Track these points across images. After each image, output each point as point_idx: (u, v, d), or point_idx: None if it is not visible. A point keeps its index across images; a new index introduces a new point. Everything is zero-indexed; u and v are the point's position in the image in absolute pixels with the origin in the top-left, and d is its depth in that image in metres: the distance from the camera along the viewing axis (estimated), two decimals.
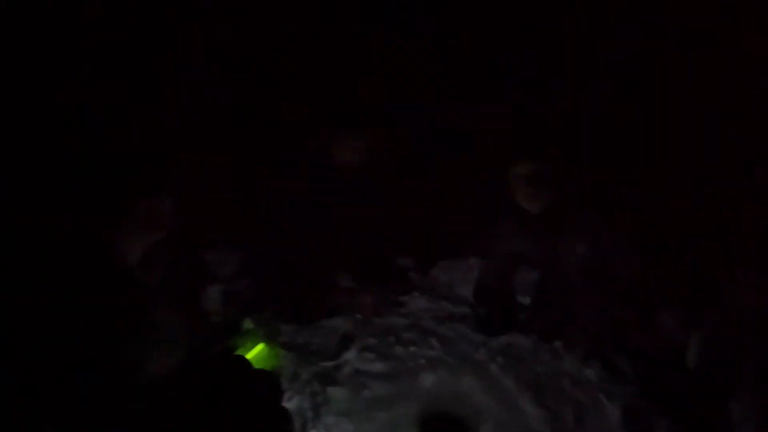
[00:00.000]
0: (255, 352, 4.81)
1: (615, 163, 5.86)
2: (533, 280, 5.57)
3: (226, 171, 5.97)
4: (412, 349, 5.23)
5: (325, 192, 5.37)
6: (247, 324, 5.05)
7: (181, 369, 2.64)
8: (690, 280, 5.06)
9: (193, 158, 5.44)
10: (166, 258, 3.06)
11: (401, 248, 5.90)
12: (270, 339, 4.97)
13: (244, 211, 5.71)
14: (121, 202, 2.48)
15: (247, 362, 3.68)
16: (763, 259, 4.43)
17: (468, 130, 6.41)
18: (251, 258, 5.72)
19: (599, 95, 5.86)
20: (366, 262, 5.56)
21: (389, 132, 5.40)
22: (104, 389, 2.17)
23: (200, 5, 4.65)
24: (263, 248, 5.54)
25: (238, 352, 4.66)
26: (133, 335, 2.33)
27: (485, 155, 6.00)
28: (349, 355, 5.12)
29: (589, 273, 5.12)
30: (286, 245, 5.38)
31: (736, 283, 4.48)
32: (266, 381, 3.79)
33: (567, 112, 5.80)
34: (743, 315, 4.38)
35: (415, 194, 5.99)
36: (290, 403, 4.62)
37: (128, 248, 2.55)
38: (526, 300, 5.51)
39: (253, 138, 6.00)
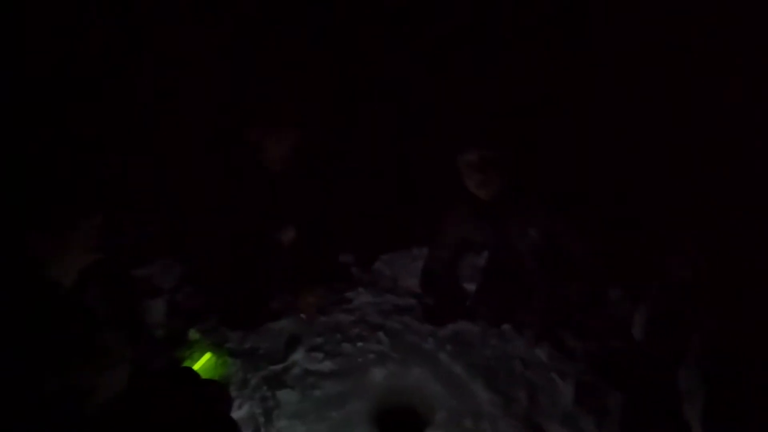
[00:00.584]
0: (202, 363, 4.71)
1: (564, 151, 5.91)
2: (481, 266, 5.55)
3: (161, 180, 5.69)
4: (359, 344, 5.19)
5: (260, 194, 5.21)
6: (193, 334, 4.94)
7: (128, 387, 2.45)
8: (634, 258, 5.21)
9: (128, 171, 5.29)
10: (104, 277, 2.92)
11: (342, 245, 5.79)
12: (216, 347, 4.88)
13: (182, 220, 5.51)
14: (55, 222, 2.33)
15: (194, 374, 3.55)
16: (698, 237, 4.49)
17: (414, 118, 6.37)
18: (193, 268, 5.53)
19: (547, 82, 5.88)
20: (307, 261, 5.41)
21: (313, 129, 5.28)
22: (54, 420, 2.04)
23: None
24: (204, 257, 5.37)
25: (186, 363, 4.53)
26: (78, 360, 2.18)
27: (432, 144, 5.92)
28: (297, 356, 5.02)
29: (538, 256, 5.17)
30: (226, 251, 5.21)
31: (676, 261, 4.54)
32: (214, 391, 3.70)
33: (516, 100, 5.79)
34: (683, 290, 4.48)
35: (352, 188, 5.88)
36: (241, 410, 4.52)
37: (64, 270, 2.39)
38: (472, 287, 5.46)
39: (183, 144, 5.80)
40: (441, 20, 5.80)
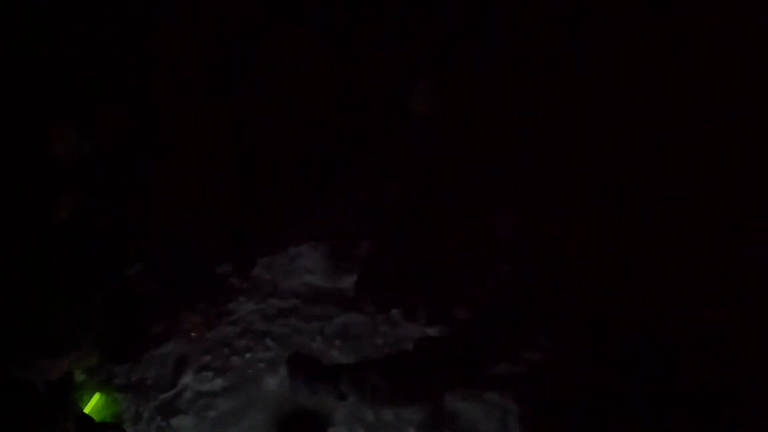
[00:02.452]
0: (92, 405, 4.52)
1: None
2: (363, 256, 5.54)
3: None
4: (248, 355, 5.10)
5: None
6: (79, 376, 4.67)
7: None
8: None
9: None
10: None
11: (217, 255, 5.63)
12: (104, 385, 4.72)
13: None
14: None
15: (89, 419, 3.43)
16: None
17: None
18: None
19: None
20: (182, 276, 5.28)
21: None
22: None
23: None
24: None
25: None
26: None
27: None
28: (186, 379, 4.89)
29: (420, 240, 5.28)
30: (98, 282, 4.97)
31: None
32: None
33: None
34: None
35: (214, 190, 5.74)
36: None
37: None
38: (353, 278, 5.43)
39: None
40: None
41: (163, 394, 4.65)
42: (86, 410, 4.37)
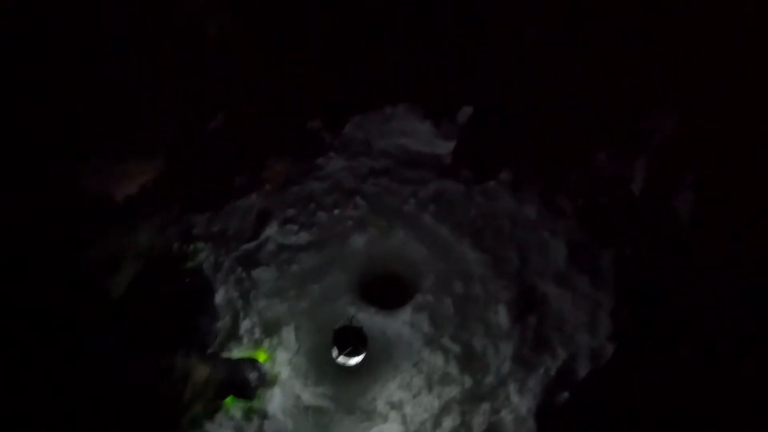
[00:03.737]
0: None
1: None
2: (463, 122, 5.04)
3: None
4: (336, 212, 4.85)
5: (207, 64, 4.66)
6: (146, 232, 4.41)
7: None
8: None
9: None
10: None
11: (308, 110, 5.21)
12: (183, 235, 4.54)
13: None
14: None
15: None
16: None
17: None
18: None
19: None
20: (271, 129, 4.89)
21: None
22: None
23: None
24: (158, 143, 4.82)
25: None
26: None
27: None
28: (270, 231, 4.71)
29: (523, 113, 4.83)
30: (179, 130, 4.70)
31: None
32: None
33: None
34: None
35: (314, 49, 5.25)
36: (217, 296, 4.20)
37: None
38: (451, 145, 4.97)
39: None
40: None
41: (244, 244, 4.48)
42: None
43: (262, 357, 4.29)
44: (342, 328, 4.14)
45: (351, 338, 4.07)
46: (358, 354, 4.06)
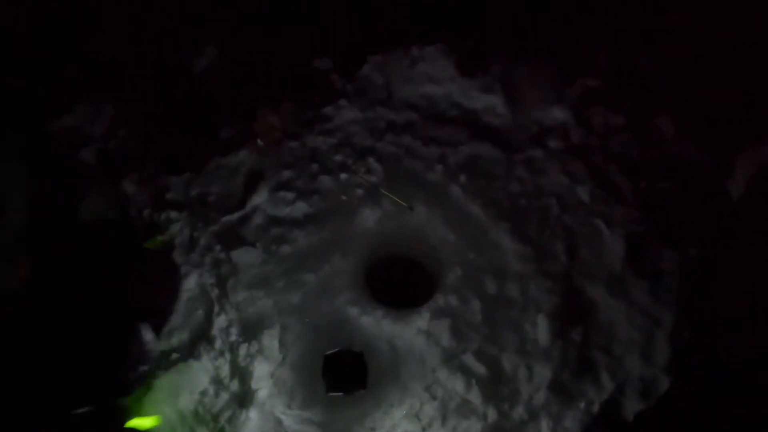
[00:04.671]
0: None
1: None
2: (503, 71, 4.03)
3: None
4: (343, 176, 3.83)
5: None
6: (128, 187, 3.58)
7: None
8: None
9: None
10: None
11: (316, 45, 4.14)
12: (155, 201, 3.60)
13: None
14: None
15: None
16: None
17: None
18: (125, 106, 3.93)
19: None
20: (269, 68, 3.89)
21: None
22: None
23: None
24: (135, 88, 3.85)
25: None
26: None
27: None
28: (259, 199, 3.72)
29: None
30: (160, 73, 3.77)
31: None
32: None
33: None
34: None
35: None
36: (188, 281, 3.40)
37: None
38: (490, 98, 3.97)
39: None
40: None
41: (227, 215, 3.57)
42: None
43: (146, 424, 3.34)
44: (336, 353, 3.28)
45: (347, 368, 3.22)
46: (354, 390, 3.21)
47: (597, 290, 3.64)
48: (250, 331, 3.45)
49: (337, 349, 3.18)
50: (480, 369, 3.47)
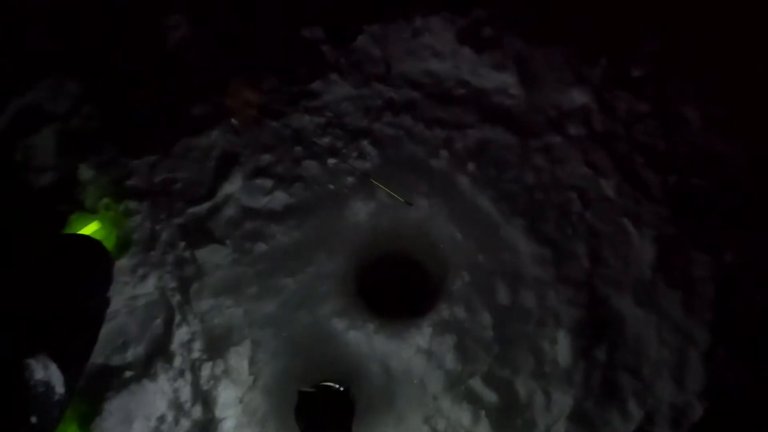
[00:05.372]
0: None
1: None
2: (518, 49, 3.60)
3: None
4: (331, 162, 3.34)
5: None
6: (85, 173, 3.09)
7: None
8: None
9: None
10: None
11: (305, 11, 3.64)
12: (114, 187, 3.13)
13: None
14: None
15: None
16: None
17: None
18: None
19: None
20: (250, 36, 3.45)
21: None
22: None
23: None
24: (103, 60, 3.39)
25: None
26: None
27: None
28: (232, 186, 3.22)
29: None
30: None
31: None
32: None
33: None
34: None
35: None
36: (145, 285, 2.91)
37: None
38: (504, 77, 3.54)
39: None
40: None
41: (194, 206, 3.08)
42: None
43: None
44: (314, 390, 2.74)
45: (328, 408, 2.67)
46: None
47: (624, 300, 3.20)
48: (216, 347, 2.93)
49: (313, 388, 2.61)
50: (490, 396, 2.99)
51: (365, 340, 3.05)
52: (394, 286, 3.25)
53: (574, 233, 3.25)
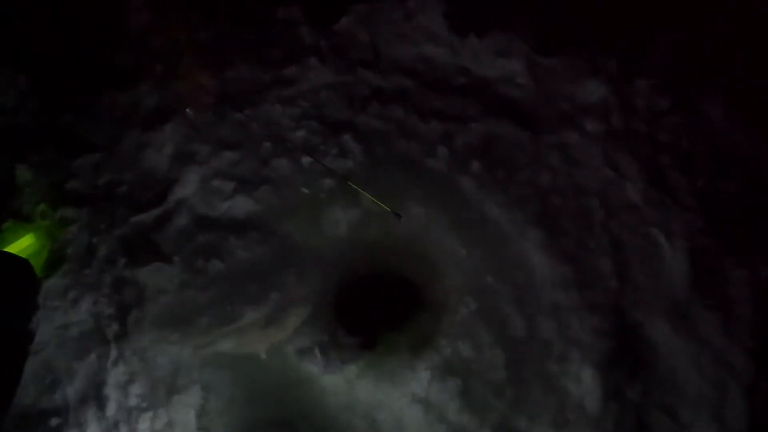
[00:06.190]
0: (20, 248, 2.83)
1: None
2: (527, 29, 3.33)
3: None
4: (306, 161, 2.97)
5: None
6: (23, 174, 2.92)
7: None
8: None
9: None
10: None
11: None
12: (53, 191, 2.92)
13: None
14: None
15: None
16: None
17: None
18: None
19: None
20: (215, 15, 3.20)
21: None
22: None
23: None
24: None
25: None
26: None
27: None
28: (185, 190, 2.94)
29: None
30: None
31: None
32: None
33: None
34: None
35: None
36: (77, 311, 2.61)
37: None
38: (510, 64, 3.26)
39: None
40: None
41: (139, 214, 2.79)
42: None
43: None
44: None
45: None
46: None
47: (657, 326, 2.85)
48: (158, 392, 2.54)
49: None
50: None
51: (346, 388, 2.73)
52: (382, 317, 2.86)
53: (598, 247, 2.90)
